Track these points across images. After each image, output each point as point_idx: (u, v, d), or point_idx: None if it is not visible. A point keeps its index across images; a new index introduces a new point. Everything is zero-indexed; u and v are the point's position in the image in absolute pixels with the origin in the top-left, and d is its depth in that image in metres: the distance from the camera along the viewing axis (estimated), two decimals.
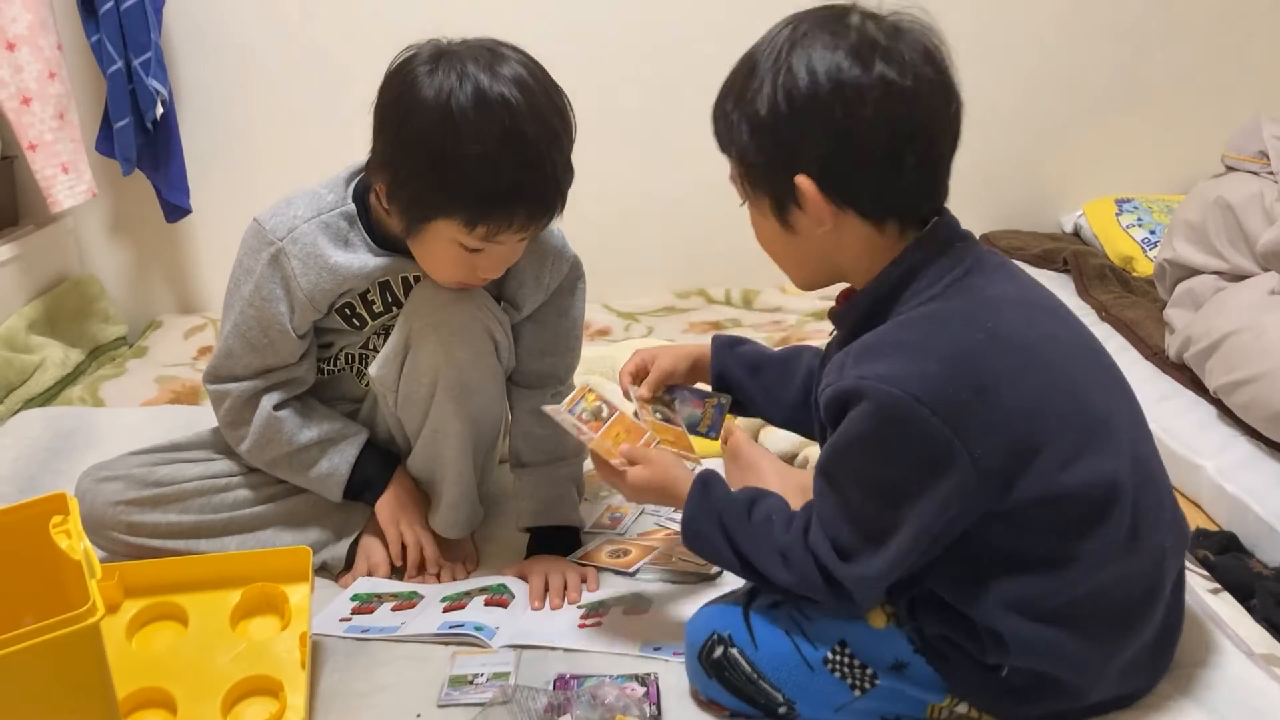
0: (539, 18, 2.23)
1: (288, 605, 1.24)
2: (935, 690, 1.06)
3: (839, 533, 1.01)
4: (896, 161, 0.99)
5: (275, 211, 1.37)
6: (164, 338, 2.42)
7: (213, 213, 2.47)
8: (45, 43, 2.10)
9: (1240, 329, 1.71)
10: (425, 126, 1.20)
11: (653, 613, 1.29)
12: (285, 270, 1.34)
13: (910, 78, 0.97)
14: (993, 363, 0.96)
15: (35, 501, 1.10)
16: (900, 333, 1.00)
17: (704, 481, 1.13)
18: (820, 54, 0.98)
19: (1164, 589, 1.05)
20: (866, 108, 0.97)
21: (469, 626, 1.26)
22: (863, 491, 1.00)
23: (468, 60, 1.21)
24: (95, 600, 0.95)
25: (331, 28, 2.44)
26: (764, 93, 1.00)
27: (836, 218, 1.01)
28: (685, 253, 2.67)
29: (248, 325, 1.36)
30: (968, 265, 1.02)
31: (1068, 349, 1.03)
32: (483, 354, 1.36)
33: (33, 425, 1.89)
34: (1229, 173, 1.99)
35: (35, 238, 2.33)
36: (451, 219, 1.23)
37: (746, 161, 1.04)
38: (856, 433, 0.97)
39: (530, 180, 1.22)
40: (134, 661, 1.18)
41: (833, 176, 1.00)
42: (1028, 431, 0.96)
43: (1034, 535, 0.99)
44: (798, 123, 0.99)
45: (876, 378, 0.95)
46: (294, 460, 1.41)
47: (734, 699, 1.10)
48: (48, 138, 2.11)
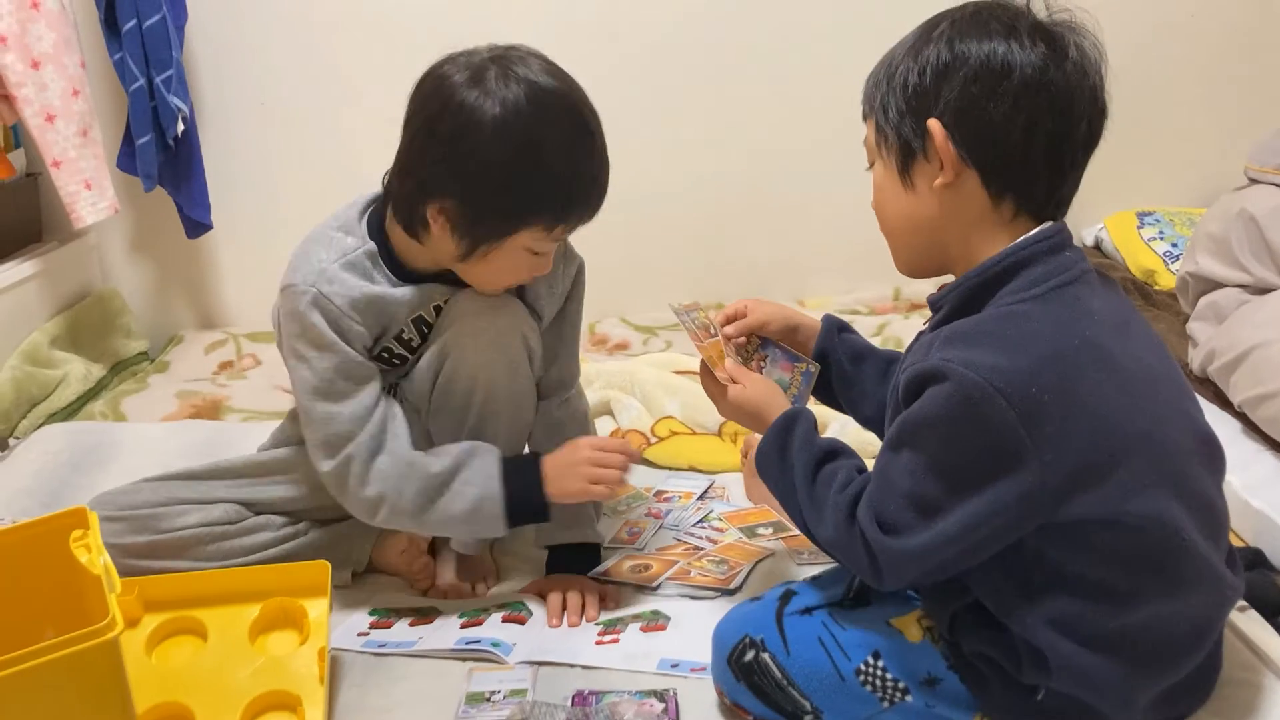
0: (553, 28, 2.23)
1: (306, 620, 1.24)
2: (964, 709, 1.05)
3: (888, 504, 1.00)
4: (1028, 136, 0.99)
5: (296, 267, 1.32)
6: (185, 353, 2.43)
7: (234, 229, 2.49)
8: (69, 60, 2.12)
9: (1265, 342, 1.69)
10: (496, 142, 1.20)
11: (671, 629, 1.28)
12: (328, 310, 1.29)
13: (1064, 65, 1.00)
14: (1081, 372, 0.95)
15: (55, 516, 1.10)
16: (993, 324, 0.99)
17: (790, 417, 1.15)
18: (984, 30, 1.01)
19: (1215, 630, 1.04)
20: (1013, 77, 0.99)
21: (485, 643, 1.26)
22: (923, 469, 0.98)
23: (504, 66, 1.22)
24: (114, 615, 0.95)
25: (352, 45, 2.45)
26: (919, 53, 1.03)
27: (958, 173, 1.01)
28: (701, 266, 2.66)
29: (328, 383, 1.30)
30: (1073, 275, 1.01)
31: (1157, 379, 1.01)
32: (519, 362, 1.36)
33: (55, 440, 1.90)
34: (1252, 185, 1.97)
35: (58, 254, 2.34)
36: (535, 226, 1.24)
37: (888, 111, 1.05)
38: (930, 411, 0.97)
39: (599, 167, 1.26)
40: (153, 676, 1.18)
41: (963, 128, 1.00)
42: (1102, 449, 0.94)
43: (1090, 556, 0.97)
44: (945, 72, 1.01)
45: (961, 362, 0.95)
46: (437, 494, 1.31)
47: (760, 704, 1.09)
48: (71, 154, 2.13)
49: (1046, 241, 1.01)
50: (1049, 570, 0.98)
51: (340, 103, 2.47)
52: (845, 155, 2.58)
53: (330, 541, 1.44)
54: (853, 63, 2.79)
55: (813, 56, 2.55)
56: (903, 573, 1.02)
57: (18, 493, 1.71)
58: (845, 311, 2.58)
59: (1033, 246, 1.01)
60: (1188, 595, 0.99)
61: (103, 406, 2.11)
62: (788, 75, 2.55)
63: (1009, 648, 1.00)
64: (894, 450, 1.02)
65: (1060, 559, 0.98)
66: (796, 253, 2.66)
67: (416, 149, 1.25)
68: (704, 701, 1.15)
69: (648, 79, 2.53)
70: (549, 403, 1.46)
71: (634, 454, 1.38)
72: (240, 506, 1.43)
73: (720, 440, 1.79)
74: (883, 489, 1.01)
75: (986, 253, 1.03)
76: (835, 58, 2.61)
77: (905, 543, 0.99)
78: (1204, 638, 1.03)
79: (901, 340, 2.32)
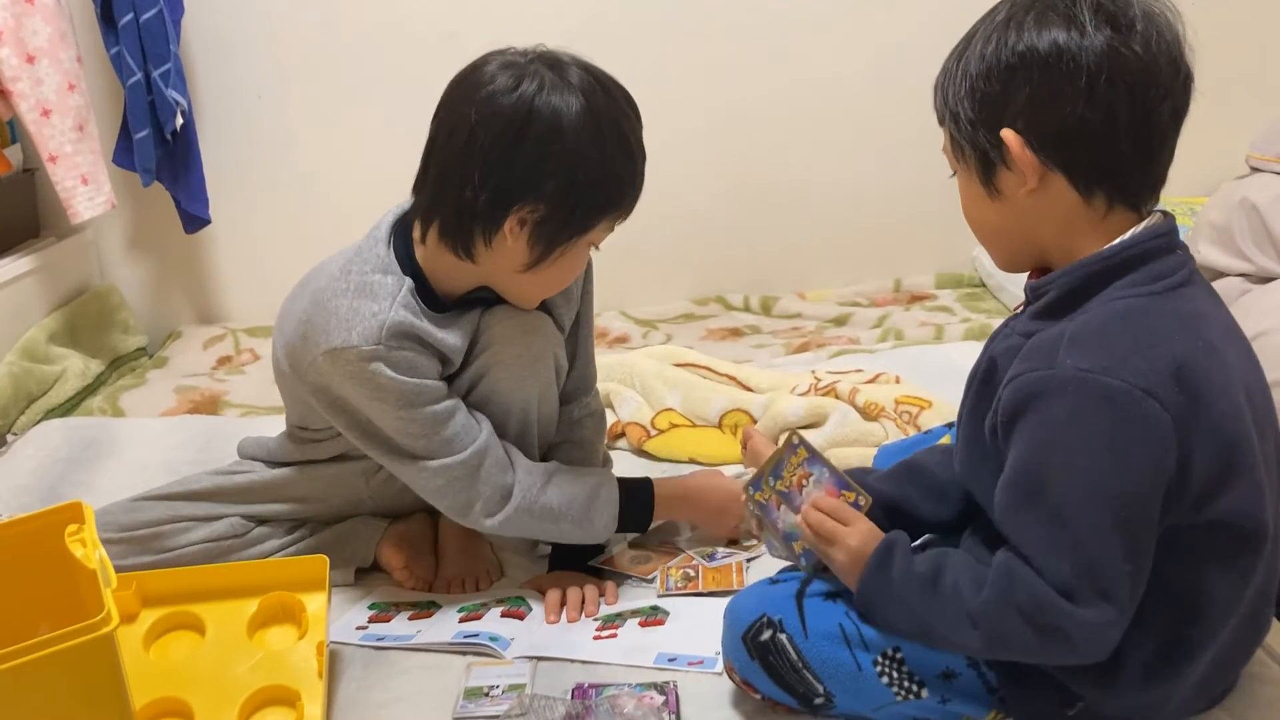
0: (554, 20, 2.23)
1: (305, 614, 1.24)
2: (978, 705, 1.03)
3: (1059, 569, 0.90)
4: (1112, 124, 0.94)
5: (347, 325, 1.22)
6: (184, 348, 2.43)
7: (232, 223, 2.48)
8: (65, 55, 2.11)
9: (1268, 331, 1.69)
10: (590, 137, 1.20)
11: (669, 624, 1.28)
12: (399, 362, 1.23)
13: (1133, 43, 0.94)
14: (1208, 375, 0.91)
15: (51, 510, 1.09)
16: (1118, 323, 0.93)
17: (886, 549, 1.02)
18: (1044, 17, 0.96)
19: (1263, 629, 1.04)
20: (1081, 68, 0.93)
21: (484, 637, 1.25)
22: (1085, 504, 0.89)
23: (550, 64, 1.22)
24: (110, 609, 0.95)
25: (349, 39, 2.44)
26: (983, 51, 0.98)
27: (1042, 177, 0.97)
28: (703, 259, 2.66)
29: (429, 423, 1.26)
30: (1185, 276, 0.97)
31: (1253, 390, 0.98)
32: (550, 383, 1.36)
33: (53, 435, 1.89)
34: (1254, 174, 1.97)
35: (56, 249, 2.34)
36: (610, 217, 1.26)
37: (958, 119, 1.01)
38: (1066, 431, 0.90)
39: (643, 155, 1.28)
40: (151, 671, 1.18)
41: (1040, 132, 0.95)
42: (1225, 452, 0.92)
43: (1191, 562, 0.95)
44: (1011, 76, 0.96)
45: (1099, 369, 0.88)
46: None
47: (771, 683, 1.07)
48: (67, 149, 2.12)
49: (1162, 239, 0.97)
50: (1158, 578, 0.94)
51: (338, 96, 2.47)
52: (845, 147, 2.60)
53: (334, 541, 1.43)
54: (853, 54, 2.80)
55: (814, 48, 2.54)
56: (1108, 641, 0.92)
57: (16, 489, 1.70)
58: (846, 303, 2.57)
59: (1149, 242, 0.96)
60: (1250, 615, 0.99)
61: (101, 402, 2.11)
62: (788, 67, 2.54)
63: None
64: (1033, 497, 0.92)
65: (1172, 567, 0.94)
66: (797, 245, 2.66)
67: (494, 159, 1.19)
68: (705, 694, 1.15)
69: (646, 72, 2.51)
70: (570, 408, 1.44)
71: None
72: (244, 520, 1.42)
73: (720, 432, 1.78)
74: (1042, 552, 0.91)
75: (1086, 247, 0.98)
76: (837, 50, 2.61)
77: (1102, 612, 0.89)
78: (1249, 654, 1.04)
79: (902, 331, 2.32)
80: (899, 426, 1.66)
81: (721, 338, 2.42)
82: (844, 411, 1.68)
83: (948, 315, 2.42)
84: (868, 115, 2.55)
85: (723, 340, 2.39)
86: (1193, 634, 0.97)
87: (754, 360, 2.12)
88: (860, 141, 2.59)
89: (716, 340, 2.40)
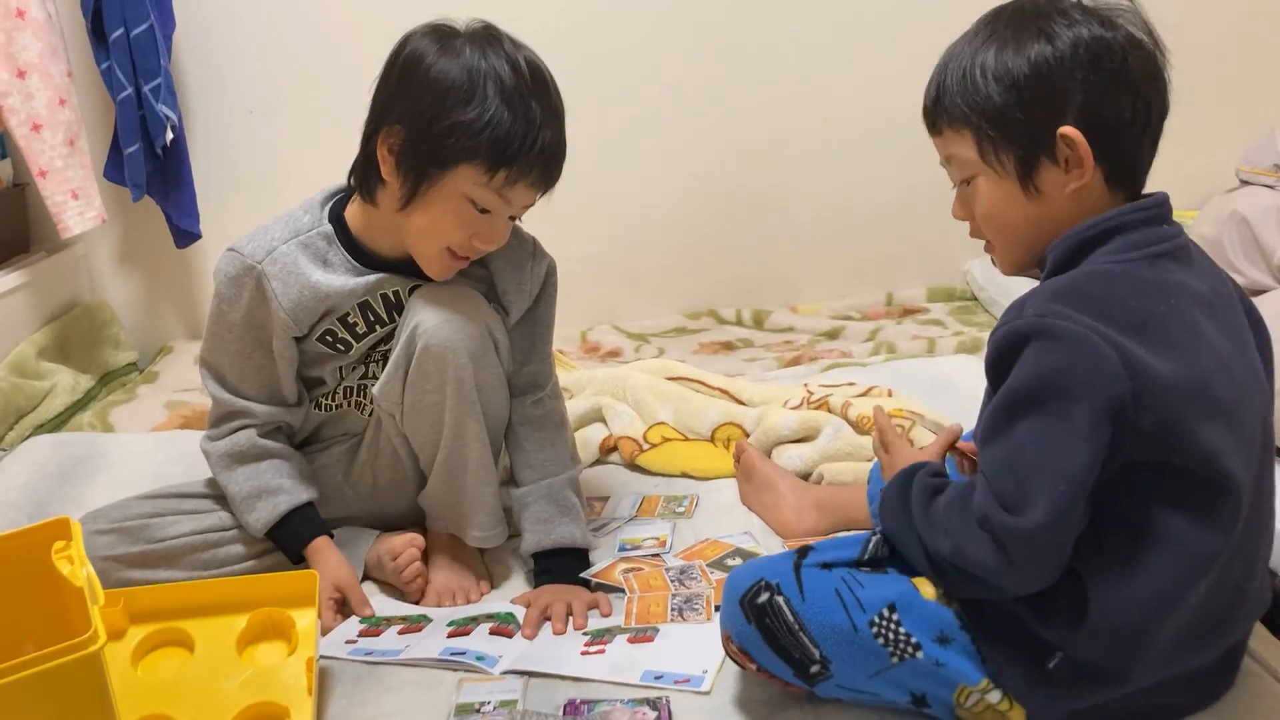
0: (549, 38, 2.23)
1: (294, 630, 1.23)
2: (972, 672, 1.03)
3: (1007, 480, 0.96)
4: (1145, 119, 1.01)
5: (251, 238, 1.39)
6: (174, 363, 2.42)
7: (223, 238, 2.43)
8: (55, 70, 2.11)
9: None
10: (454, 71, 1.25)
11: (658, 640, 1.26)
12: (267, 291, 1.36)
13: (1134, 40, 1.01)
14: (1167, 333, 0.95)
15: (37, 527, 1.08)
16: (1085, 280, 0.99)
17: (914, 466, 1.11)
18: (1069, 18, 1.01)
19: (1248, 603, 1.05)
20: (1129, 62, 1.00)
21: (470, 655, 1.24)
22: (1041, 432, 0.95)
23: (485, 33, 1.29)
24: (97, 627, 0.94)
25: (341, 53, 2.44)
26: (1020, 52, 1.02)
27: (1095, 171, 1.01)
28: (696, 273, 2.66)
29: (244, 356, 1.41)
30: (1170, 247, 1.02)
31: (1230, 363, 1.00)
32: (487, 350, 1.36)
33: (42, 451, 1.88)
34: (1244, 186, 1.98)
35: (46, 264, 2.33)
36: (476, 164, 1.26)
37: (999, 119, 1.03)
38: (1026, 370, 0.96)
39: (545, 123, 1.27)
40: (140, 688, 1.17)
41: (1094, 128, 1.00)
42: (1180, 402, 0.94)
43: (1158, 506, 0.97)
44: (1064, 74, 1.00)
45: (1058, 315, 0.94)
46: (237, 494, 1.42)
47: (768, 650, 1.06)
48: (58, 164, 2.12)
49: (1151, 210, 1.02)
50: (1113, 519, 0.97)
51: (328, 111, 2.46)
52: (837, 161, 2.60)
53: None
54: (848, 68, 2.81)
55: (807, 62, 2.55)
56: (1038, 556, 0.96)
57: (4, 505, 1.69)
58: (838, 317, 2.57)
59: (1134, 214, 1.01)
60: (1231, 562, 0.99)
61: (91, 417, 2.10)
62: (781, 81, 2.55)
63: (1040, 604, 0.99)
64: (1000, 427, 0.98)
65: (1125, 508, 0.97)
66: (789, 258, 2.66)
67: (374, 92, 1.32)
68: (698, 710, 1.14)
69: (639, 85, 2.52)
70: (523, 400, 1.46)
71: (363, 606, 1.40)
72: (233, 516, 1.44)
73: (713, 446, 1.78)
74: (1000, 466, 0.97)
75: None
76: (830, 63, 2.62)
77: (1035, 516, 0.93)
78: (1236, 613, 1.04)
79: (894, 345, 2.32)
80: None
81: (714, 351, 2.41)
82: (836, 425, 1.68)
83: (940, 329, 2.42)
84: (860, 129, 2.56)
85: (715, 354, 2.39)
86: (1159, 578, 0.97)
87: (746, 374, 2.12)
88: (852, 155, 2.59)
89: (709, 354, 2.40)
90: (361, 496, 1.49)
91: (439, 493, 1.42)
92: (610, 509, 1.62)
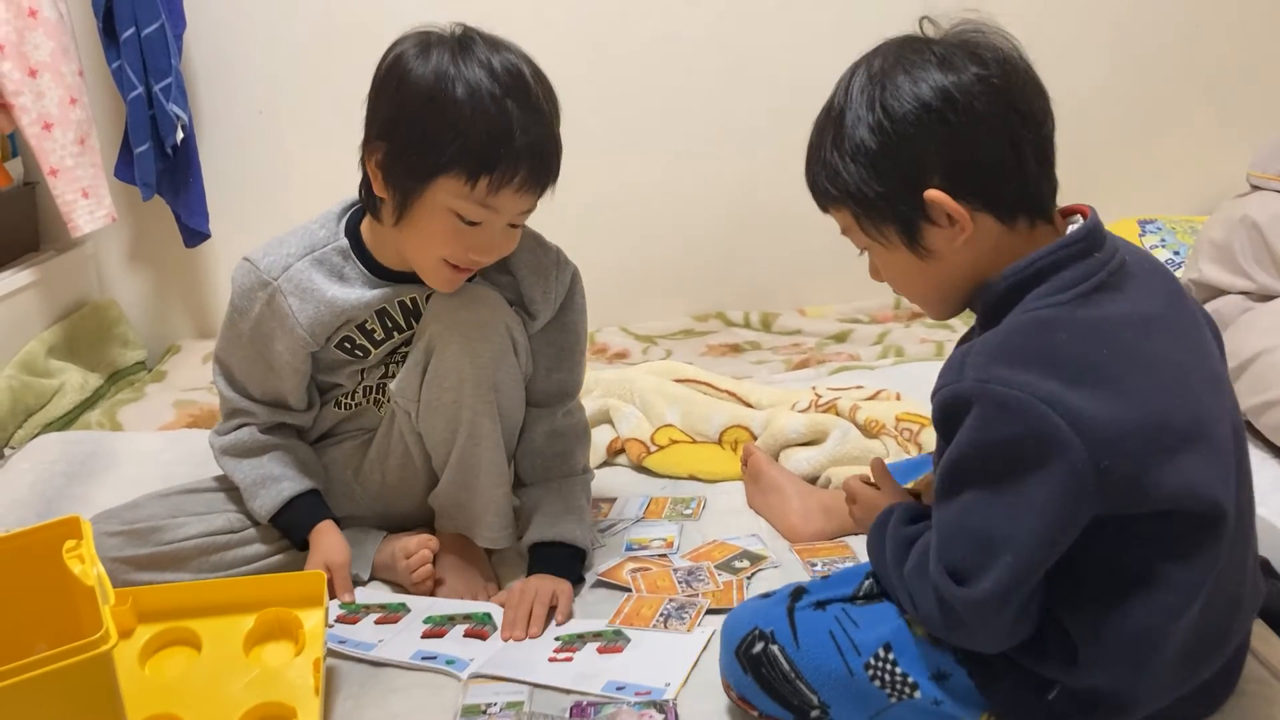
0: (553, 38, 2.23)
1: (302, 630, 1.23)
2: (972, 707, 1.03)
3: (953, 550, 0.95)
4: (1017, 151, 0.98)
5: (267, 251, 1.39)
6: (183, 362, 2.42)
7: (232, 238, 2.48)
8: (67, 69, 2.12)
9: (1269, 349, 1.69)
10: (425, 82, 1.22)
11: (628, 651, 1.25)
12: (284, 308, 1.37)
13: (1003, 72, 0.98)
14: (1117, 379, 0.92)
15: (48, 525, 1.09)
16: (1020, 336, 0.96)
17: (889, 510, 1.11)
18: (911, 74, 0.98)
19: (1244, 606, 1.04)
20: (976, 104, 0.96)
21: (441, 660, 1.24)
22: (981, 501, 0.94)
23: (460, 39, 1.26)
24: (108, 627, 0.94)
25: (350, 53, 2.43)
26: (865, 124, 0.99)
27: (975, 221, 0.99)
28: (703, 276, 2.66)
29: (250, 362, 1.42)
30: (1100, 279, 0.97)
31: (1188, 374, 0.98)
32: (504, 350, 1.35)
33: (50, 449, 1.89)
34: (1255, 191, 1.97)
35: (56, 263, 2.34)
36: (453, 175, 1.23)
37: (864, 198, 1.02)
38: (971, 437, 0.93)
39: (533, 125, 1.23)
40: (147, 688, 1.17)
41: (961, 180, 0.98)
42: (1145, 442, 0.92)
43: (1137, 548, 0.95)
44: (912, 138, 0.98)
45: (998, 380, 0.91)
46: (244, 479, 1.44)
47: (767, 698, 1.07)
48: (69, 163, 2.13)
49: (1076, 245, 0.98)
50: (1095, 563, 0.95)
51: (338, 111, 2.45)
52: None
53: None
54: None
55: (813, 65, 2.53)
56: (990, 624, 0.95)
57: (12, 503, 1.70)
58: (846, 320, 2.57)
59: (1061, 251, 0.97)
60: (1218, 590, 0.98)
61: (99, 416, 2.10)
62: (788, 84, 2.54)
63: (1031, 642, 0.98)
64: (950, 492, 0.97)
65: (1106, 552, 0.95)
66: (797, 261, 2.66)
67: (369, 102, 1.30)
68: (705, 713, 1.14)
69: (647, 88, 2.52)
70: (552, 410, 1.45)
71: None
72: (242, 516, 1.45)
73: (720, 449, 1.78)
74: (949, 532, 0.96)
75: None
76: (836, 66, 2.61)
77: (983, 586, 0.93)
78: (1228, 634, 1.02)
79: (902, 348, 2.32)
80: (899, 444, 1.66)
81: (721, 354, 2.41)
82: (844, 429, 1.68)
83: (948, 332, 2.42)
84: None
85: (723, 356, 2.39)
86: (1145, 615, 0.95)
87: (754, 376, 2.12)
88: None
89: (716, 356, 2.39)
90: (369, 494, 1.50)
91: (451, 491, 1.42)
92: (617, 510, 1.62)
